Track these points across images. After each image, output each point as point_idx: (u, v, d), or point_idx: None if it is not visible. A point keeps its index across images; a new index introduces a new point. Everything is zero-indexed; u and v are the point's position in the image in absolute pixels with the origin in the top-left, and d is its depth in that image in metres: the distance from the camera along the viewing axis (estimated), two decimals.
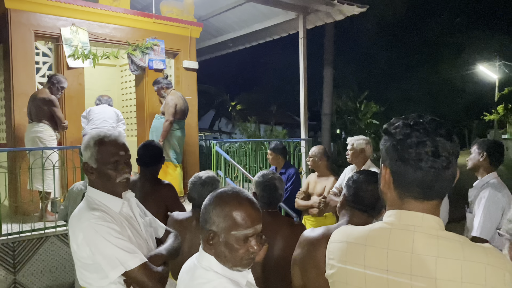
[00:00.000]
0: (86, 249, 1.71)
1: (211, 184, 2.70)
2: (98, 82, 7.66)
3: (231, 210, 1.37)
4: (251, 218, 1.37)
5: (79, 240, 1.72)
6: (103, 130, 1.91)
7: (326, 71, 13.72)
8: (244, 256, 1.36)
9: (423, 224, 1.14)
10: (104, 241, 1.70)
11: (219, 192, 1.44)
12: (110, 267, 1.69)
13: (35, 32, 5.53)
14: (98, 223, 1.72)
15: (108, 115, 5.72)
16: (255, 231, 1.38)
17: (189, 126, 6.50)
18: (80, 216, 1.77)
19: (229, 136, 23.85)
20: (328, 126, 13.97)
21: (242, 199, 1.40)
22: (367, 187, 1.91)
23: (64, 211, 3.99)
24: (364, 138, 4.07)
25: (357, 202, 1.93)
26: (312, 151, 4.38)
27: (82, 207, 1.83)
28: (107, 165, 1.81)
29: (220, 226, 1.36)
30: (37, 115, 5.03)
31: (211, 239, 1.37)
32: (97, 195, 1.84)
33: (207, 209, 1.41)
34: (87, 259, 1.73)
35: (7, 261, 4.15)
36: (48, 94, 5.09)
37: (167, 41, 6.60)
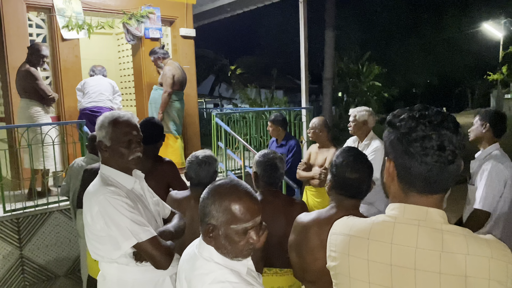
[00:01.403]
0: (101, 221, 1.81)
1: (208, 163, 2.69)
2: (95, 52, 7.51)
3: (229, 204, 1.36)
4: (250, 211, 1.37)
5: (94, 213, 1.82)
6: (117, 111, 2.01)
7: (327, 34, 13.42)
8: (244, 248, 1.38)
9: (427, 218, 1.13)
10: (118, 213, 1.80)
11: (217, 185, 1.43)
12: (123, 238, 1.80)
13: (26, 3, 5.36)
14: (113, 197, 1.83)
15: (104, 88, 5.60)
16: (254, 223, 1.38)
17: (188, 96, 6.43)
18: (96, 190, 1.87)
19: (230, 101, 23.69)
20: (330, 91, 13.82)
21: (240, 193, 1.39)
22: (350, 175, 1.89)
23: (65, 187, 4.02)
24: (367, 109, 4.00)
25: (343, 189, 1.92)
26: (312, 123, 4.34)
27: (97, 183, 1.93)
28: (120, 144, 1.92)
29: (219, 220, 1.37)
30: (21, 90, 4.80)
31: (211, 232, 1.38)
32: (110, 172, 1.94)
33: (205, 202, 1.40)
34: (101, 231, 1.82)
35: (12, 237, 4.21)
36: (26, 67, 4.75)
37: (162, 8, 6.41)
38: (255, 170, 2.58)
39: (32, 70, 4.70)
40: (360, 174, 1.90)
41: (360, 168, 1.91)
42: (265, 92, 21.45)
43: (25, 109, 4.67)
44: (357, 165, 1.90)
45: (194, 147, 6.43)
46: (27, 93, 4.70)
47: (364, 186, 1.91)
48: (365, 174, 1.91)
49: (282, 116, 4.96)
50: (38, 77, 4.74)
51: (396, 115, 1.20)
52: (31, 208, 4.37)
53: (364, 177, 1.90)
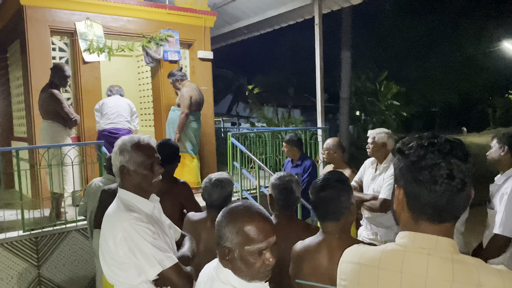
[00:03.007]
0: (124, 248, 1.81)
1: (221, 186, 2.71)
2: (115, 73, 7.69)
3: (243, 226, 1.39)
4: (264, 232, 1.39)
5: (118, 239, 1.81)
6: (137, 135, 2.03)
7: (343, 54, 13.46)
8: (260, 269, 1.39)
9: (437, 247, 1.12)
10: (143, 240, 1.81)
11: (230, 208, 1.46)
12: (148, 265, 1.80)
13: (50, 28, 5.57)
14: (138, 224, 1.83)
15: (122, 108, 5.70)
16: (268, 244, 1.40)
17: (205, 116, 6.51)
18: (119, 216, 1.87)
19: (247, 120, 23.83)
20: (347, 110, 13.78)
21: (253, 214, 1.42)
22: (316, 196, 1.98)
23: (83, 207, 4.09)
24: (386, 131, 3.97)
25: (317, 210, 2.01)
26: (326, 144, 4.33)
27: (118, 208, 1.92)
28: (144, 167, 1.94)
29: (234, 242, 1.39)
30: (43, 112, 4.87)
31: (227, 255, 1.40)
32: (130, 197, 1.95)
33: (220, 225, 1.43)
34: (123, 257, 1.82)
35: (31, 256, 4.28)
36: (49, 89, 4.78)
37: (181, 31, 6.57)
38: (271, 192, 2.58)
39: (55, 93, 4.76)
40: (326, 193, 1.93)
41: (326, 187, 1.95)
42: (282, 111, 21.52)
43: (47, 131, 4.78)
44: (324, 185, 1.96)
45: (210, 166, 6.48)
46: (49, 115, 4.77)
47: (336, 206, 1.92)
48: (333, 193, 1.93)
49: (297, 136, 4.97)
50: (61, 100, 4.80)
51: (405, 142, 1.21)
52: (49, 227, 4.45)
53: (332, 196, 1.93)
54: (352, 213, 1.99)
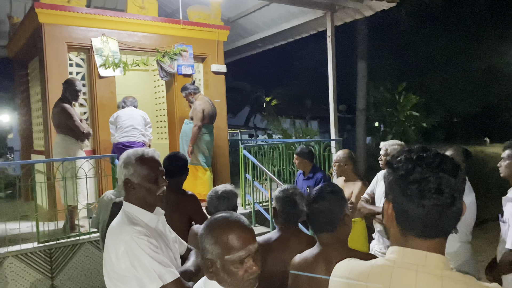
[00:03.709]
0: (126, 261, 1.80)
1: (226, 198, 2.72)
2: (132, 87, 7.84)
3: (220, 235, 1.40)
4: (242, 239, 1.39)
5: (120, 252, 1.82)
6: (141, 148, 2.07)
7: (359, 65, 13.41)
8: (244, 278, 1.39)
9: (426, 263, 1.10)
10: (144, 254, 1.80)
11: (209, 220, 1.47)
12: (149, 280, 1.79)
13: (68, 44, 5.74)
14: (139, 237, 1.83)
15: (136, 121, 5.78)
16: (249, 252, 1.39)
17: (218, 129, 6.56)
18: (122, 229, 1.88)
19: (264, 132, 23.87)
20: (363, 122, 13.67)
21: (229, 223, 1.43)
22: (310, 207, 2.01)
23: (96, 219, 4.14)
24: (399, 143, 3.93)
25: (311, 223, 2.04)
26: (337, 156, 4.30)
27: (122, 221, 1.94)
28: (148, 180, 1.97)
29: (214, 253, 1.39)
30: (56, 126, 4.97)
31: (210, 267, 1.41)
32: (134, 210, 1.96)
33: (201, 238, 1.44)
34: (125, 271, 1.81)
35: (45, 267, 4.36)
36: (60, 104, 4.86)
37: (195, 46, 6.67)
38: (275, 205, 2.57)
39: (66, 107, 4.83)
40: (319, 205, 1.94)
41: (318, 199, 1.96)
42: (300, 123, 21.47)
43: (60, 144, 4.88)
44: (317, 196, 1.97)
45: (223, 178, 6.50)
46: (62, 129, 4.87)
47: (329, 217, 1.92)
48: (326, 205, 1.94)
49: (308, 148, 4.96)
50: (72, 114, 4.86)
51: (395, 156, 1.20)
52: (63, 239, 4.53)
53: (325, 207, 1.94)
54: (346, 224, 1.99)
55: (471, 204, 3.12)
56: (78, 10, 5.76)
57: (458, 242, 3.10)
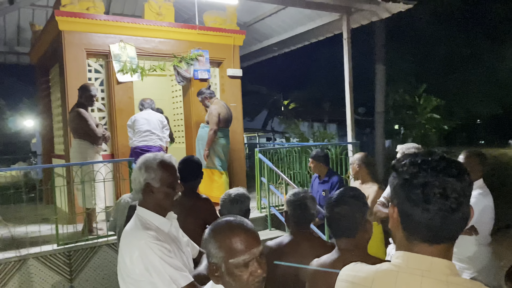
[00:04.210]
0: (140, 266, 1.82)
1: (240, 201, 2.73)
2: (150, 92, 7.94)
3: (223, 239, 1.40)
4: (245, 243, 1.39)
5: (134, 257, 1.84)
6: (160, 153, 2.09)
7: (377, 67, 13.29)
8: (249, 282, 1.39)
9: (431, 269, 1.09)
10: (158, 259, 1.82)
11: (212, 224, 1.48)
12: (163, 284, 1.80)
13: (86, 51, 5.86)
14: (154, 242, 1.85)
15: (153, 125, 5.83)
16: (252, 255, 1.39)
17: (234, 133, 6.59)
18: (136, 234, 1.90)
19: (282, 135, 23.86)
20: (382, 124, 13.51)
21: (233, 227, 1.43)
22: (330, 212, 1.97)
23: (113, 222, 4.20)
24: (416, 146, 3.87)
25: (331, 227, 2.00)
26: (352, 159, 4.30)
27: (136, 226, 1.96)
28: (168, 185, 2.00)
29: (218, 257, 1.40)
30: (73, 131, 5.04)
31: (215, 271, 1.41)
32: (148, 215, 1.98)
33: (205, 242, 1.45)
34: (139, 275, 1.83)
35: (64, 269, 4.45)
36: (76, 109, 4.92)
37: (211, 50, 6.73)
38: (286, 209, 2.57)
39: (81, 112, 4.89)
40: (340, 209, 1.92)
41: (340, 203, 1.93)
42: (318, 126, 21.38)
43: (77, 149, 4.97)
44: (338, 201, 1.94)
45: (239, 182, 6.52)
46: (78, 133, 4.96)
47: (350, 223, 1.90)
48: (347, 210, 1.91)
49: (323, 152, 4.93)
50: (87, 118, 4.92)
51: (399, 160, 1.19)
52: (82, 242, 4.62)
53: (346, 212, 1.91)
54: (367, 230, 1.97)
55: (487, 207, 3.06)
56: (97, 17, 5.88)
57: (475, 245, 3.04)
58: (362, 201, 1.97)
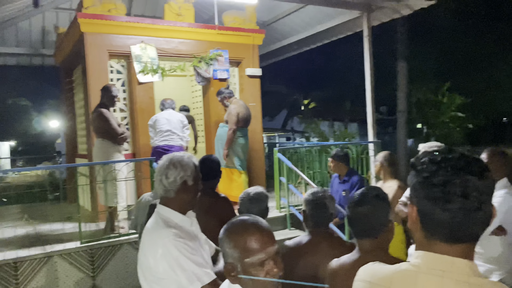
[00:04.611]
0: (164, 264, 1.82)
1: (259, 200, 2.73)
2: (170, 93, 8.03)
3: (238, 239, 1.39)
4: (260, 242, 1.38)
5: (158, 255, 1.84)
6: (187, 153, 2.11)
7: (399, 65, 13.09)
8: (266, 281, 1.38)
9: (452, 269, 1.06)
10: (182, 257, 1.83)
11: (227, 224, 1.48)
12: (188, 282, 1.81)
13: (108, 52, 5.96)
14: (177, 240, 1.86)
15: (174, 125, 5.88)
16: (268, 254, 1.38)
17: (253, 132, 6.59)
18: (159, 232, 1.90)
19: (302, 135, 23.76)
20: (404, 123, 13.31)
21: (247, 226, 1.42)
22: (352, 211, 1.94)
23: (134, 221, 4.26)
24: (438, 145, 3.79)
25: (353, 227, 1.95)
26: (376, 157, 4.27)
27: (158, 224, 1.96)
28: (197, 184, 2.05)
29: (234, 256, 1.39)
30: (95, 131, 5.13)
31: (232, 271, 1.41)
32: (170, 213, 1.99)
33: (221, 242, 1.45)
34: (163, 274, 1.83)
35: (87, 267, 4.54)
36: (98, 109, 5.01)
37: (230, 50, 6.75)
38: (304, 208, 2.55)
39: (103, 112, 4.96)
40: (363, 209, 1.88)
41: (363, 203, 1.90)
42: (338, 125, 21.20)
43: (99, 148, 5.06)
44: (361, 200, 1.90)
45: (259, 181, 6.52)
46: (100, 133, 5.04)
47: (372, 223, 1.86)
48: (370, 209, 1.87)
49: (343, 151, 4.89)
50: (109, 118, 4.99)
51: (419, 157, 1.16)
52: (104, 239, 4.70)
53: (369, 212, 1.87)
54: (390, 230, 1.93)
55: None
56: (118, 19, 5.98)
57: (502, 246, 2.95)
58: (385, 201, 1.94)
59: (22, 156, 21.25)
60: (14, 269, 4.23)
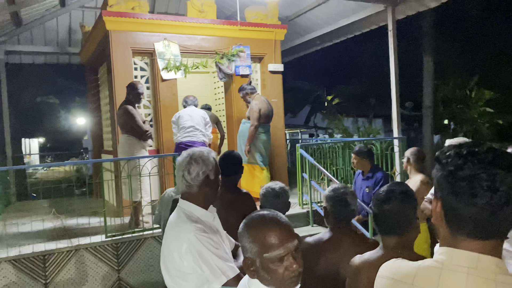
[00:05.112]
0: (189, 259, 1.83)
1: (283, 195, 2.73)
2: (192, 89, 8.08)
3: (257, 234, 1.38)
4: (279, 237, 1.37)
5: (182, 250, 1.85)
6: (207, 148, 2.15)
7: (425, 60, 12.80)
8: (285, 276, 1.36)
9: (478, 266, 1.02)
10: (207, 251, 1.84)
11: (246, 219, 1.46)
12: (213, 276, 1.82)
13: (132, 49, 6.05)
14: (202, 234, 1.87)
15: (197, 121, 5.92)
16: (287, 250, 1.36)
17: (275, 128, 6.57)
18: (183, 227, 1.91)
19: (325, 131, 23.55)
20: (430, 119, 13.02)
21: (266, 221, 1.40)
22: (379, 208, 1.89)
23: (158, 215, 4.32)
24: (465, 140, 3.70)
25: (379, 225, 1.91)
26: (404, 154, 4.23)
27: (181, 219, 1.97)
28: (218, 176, 2.08)
29: (253, 251, 1.38)
30: (120, 127, 5.22)
31: (250, 266, 1.40)
32: (193, 208, 2.00)
33: (240, 237, 1.44)
34: (188, 268, 1.85)
35: (112, 260, 4.63)
36: (124, 106, 5.09)
37: (252, 46, 6.74)
38: (325, 205, 2.52)
39: (129, 109, 5.04)
40: (390, 206, 1.83)
41: (390, 200, 1.85)
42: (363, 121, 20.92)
43: (124, 144, 5.15)
44: (388, 197, 1.85)
45: (281, 178, 6.49)
46: (125, 129, 5.13)
47: (400, 220, 1.82)
48: (398, 206, 1.83)
49: (367, 147, 4.82)
50: (134, 115, 5.06)
51: (443, 151, 1.12)
52: (128, 234, 4.78)
53: (396, 209, 1.82)
54: (416, 228, 1.89)
55: None
56: (142, 16, 6.05)
57: None
58: (412, 198, 1.89)
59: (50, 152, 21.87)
60: (43, 261, 4.35)
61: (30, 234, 5.09)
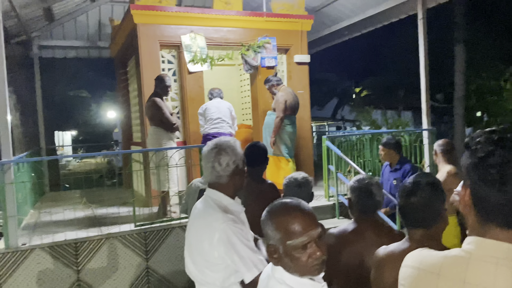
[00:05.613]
0: (220, 249, 1.82)
1: (306, 185, 2.72)
2: (219, 81, 8.11)
3: (280, 221, 1.39)
4: (302, 225, 1.37)
5: (214, 240, 1.83)
6: (231, 138, 2.11)
7: (457, 50, 12.39)
8: (308, 264, 1.36)
9: (509, 257, 0.99)
10: (240, 243, 1.83)
11: (269, 206, 1.47)
12: (245, 269, 1.81)
13: (160, 42, 6.13)
14: (235, 225, 1.86)
15: (223, 113, 5.97)
16: (310, 237, 1.36)
17: (301, 120, 6.54)
18: (215, 217, 1.89)
19: (353, 124, 23.24)
20: (461, 111, 12.63)
21: (289, 208, 1.41)
22: (405, 201, 1.83)
23: (184, 205, 4.40)
24: None
25: (405, 217, 1.85)
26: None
27: (212, 208, 1.94)
28: (245, 165, 2.08)
29: (276, 238, 1.39)
30: (149, 119, 5.31)
31: (274, 253, 1.40)
32: (222, 198, 1.98)
33: (263, 224, 1.45)
34: (218, 259, 1.83)
35: (141, 249, 4.74)
36: (152, 98, 5.17)
37: (278, 37, 6.70)
38: (349, 196, 2.49)
39: (157, 101, 5.13)
40: (417, 199, 1.78)
41: (416, 192, 1.79)
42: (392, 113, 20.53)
43: (153, 136, 5.25)
44: (414, 189, 1.80)
45: (307, 170, 6.40)
46: (154, 121, 5.23)
47: (427, 213, 1.76)
48: (425, 198, 1.77)
49: (394, 139, 4.73)
50: (163, 107, 5.15)
51: (473, 137, 1.09)
52: (156, 223, 4.88)
53: (423, 201, 1.77)
54: (444, 220, 1.84)
55: None
56: (169, 9, 6.12)
57: None
58: (439, 189, 1.82)
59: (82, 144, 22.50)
60: (75, 249, 4.50)
61: (62, 222, 5.27)
